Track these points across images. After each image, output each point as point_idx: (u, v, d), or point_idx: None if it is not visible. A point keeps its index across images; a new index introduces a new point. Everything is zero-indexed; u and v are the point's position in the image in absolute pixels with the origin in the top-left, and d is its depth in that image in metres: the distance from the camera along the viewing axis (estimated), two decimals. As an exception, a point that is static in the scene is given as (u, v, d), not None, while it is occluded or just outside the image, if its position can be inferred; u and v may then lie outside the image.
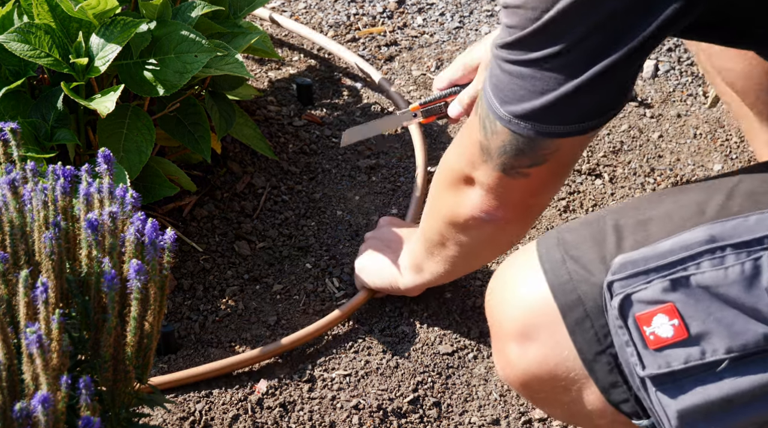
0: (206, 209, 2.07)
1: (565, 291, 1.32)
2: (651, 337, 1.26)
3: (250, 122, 2.12)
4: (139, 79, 1.84)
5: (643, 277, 1.27)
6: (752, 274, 1.24)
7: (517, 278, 1.38)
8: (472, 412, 1.80)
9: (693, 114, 2.29)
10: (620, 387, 1.32)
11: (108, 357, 1.28)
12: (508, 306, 1.39)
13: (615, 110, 1.36)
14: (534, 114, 1.34)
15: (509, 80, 1.34)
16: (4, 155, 1.38)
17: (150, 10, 1.83)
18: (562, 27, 1.27)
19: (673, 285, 1.26)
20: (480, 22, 2.52)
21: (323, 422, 1.77)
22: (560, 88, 1.31)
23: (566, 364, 1.34)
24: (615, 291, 1.28)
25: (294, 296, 1.96)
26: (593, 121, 1.35)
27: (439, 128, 2.27)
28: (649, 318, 1.26)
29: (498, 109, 1.37)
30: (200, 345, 1.87)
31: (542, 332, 1.34)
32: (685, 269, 1.26)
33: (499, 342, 1.41)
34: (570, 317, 1.31)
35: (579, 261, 1.32)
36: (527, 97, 1.33)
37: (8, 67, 1.83)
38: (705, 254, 1.26)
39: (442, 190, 1.58)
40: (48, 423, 1.13)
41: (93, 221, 1.28)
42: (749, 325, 1.24)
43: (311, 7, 2.55)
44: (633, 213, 1.35)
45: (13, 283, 1.26)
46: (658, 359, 1.26)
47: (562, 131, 1.35)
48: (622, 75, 1.31)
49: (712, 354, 1.25)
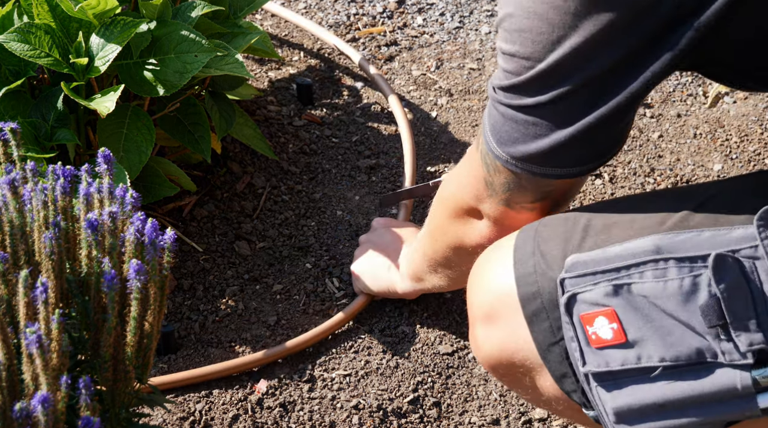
0: (206, 209, 2.07)
1: (527, 283, 1.36)
2: (593, 336, 1.30)
3: (250, 122, 2.12)
4: (139, 79, 1.84)
5: (591, 278, 1.30)
6: (690, 291, 1.26)
7: (491, 265, 1.43)
8: (472, 412, 1.80)
9: (693, 114, 2.29)
10: (570, 378, 1.36)
11: (108, 357, 1.28)
12: (479, 291, 1.44)
13: (611, 154, 1.38)
14: (529, 157, 1.37)
15: (504, 122, 1.37)
16: (4, 155, 1.38)
17: (150, 10, 1.83)
18: (555, 78, 1.30)
19: (615, 290, 1.29)
20: (480, 22, 2.52)
21: (323, 422, 1.77)
22: (552, 134, 1.33)
23: (522, 352, 1.38)
24: (565, 288, 1.32)
25: (294, 296, 1.96)
26: (589, 164, 1.38)
27: (439, 128, 2.27)
28: (591, 319, 1.30)
29: (495, 148, 1.39)
30: (200, 345, 1.87)
31: (503, 319, 1.39)
32: (628, 276, 1.29)
33: (472, 324, 1.46)
34: (528, 307, 1.36)
35: (545, 256, 1.36)
36: (521, 140, 1.36)
37: (8, 67, 1.83)
38: (649, 263, 1.28)
39: (446, 219, 1.60)
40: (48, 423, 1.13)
41: (93, 221, 1.28)
42: (684, 337, 1.27)
43: (311, 7, 2.55)
44: (605, 214, 1.38)
45: (13, 283, 1.25)
46: (598, 357, 1.30)
47: (560, 173, 1.38)
48: (614, 124, 1.34)
49: (647, 359, 1.28)
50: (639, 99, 1.32)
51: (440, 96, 2.34)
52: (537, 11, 1.28)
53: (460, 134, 2.26)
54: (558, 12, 1.27)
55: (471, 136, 2.26)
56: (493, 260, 1.44)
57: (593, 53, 1.28)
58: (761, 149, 2.22)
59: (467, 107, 2.32)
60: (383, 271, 1.87)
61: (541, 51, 1.29)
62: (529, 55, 1.31)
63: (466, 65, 2.41)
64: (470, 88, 2.36)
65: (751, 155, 2.21)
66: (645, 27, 1.25)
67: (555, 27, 1.28)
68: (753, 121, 2.28)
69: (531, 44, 1.30)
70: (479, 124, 2.28)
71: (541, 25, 1.28)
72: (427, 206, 1.95)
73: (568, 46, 1.28)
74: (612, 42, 1.27)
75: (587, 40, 1.27)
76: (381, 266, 1.88)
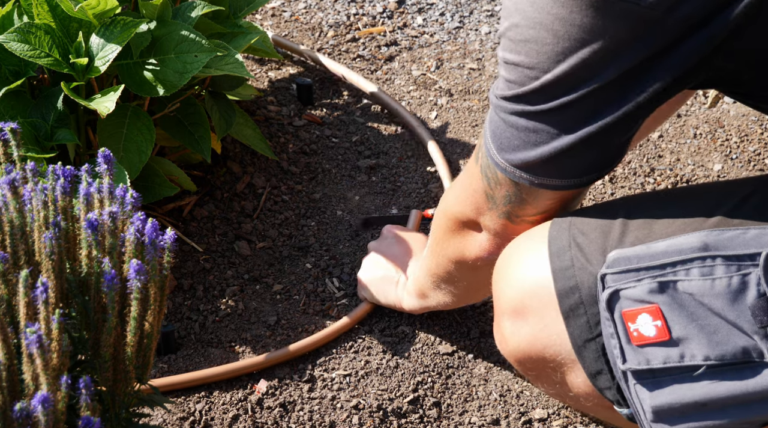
0: (206, 209, 2.07)
1: (565, 277, 1.34)
2: (635, 333, 1.29)
3: (250, 122, 2.12)
4: (139, 79, 1.84)
5: (634, 275, 1.29)
6: (738, 289, 1.25)
7: (523, 257, 1.41)
8: (472, 412, 1.80)
9: (693, 114, 2.29)
10: (605, 375, 1.35)
11: (108, 357, 1.28)
12: (509, 283, 1.42)
13: (611, 167, 1.38)
14: (529, 166, 1.36)
15: (505, 128, 1.36)
16: (4, 155, 1.38)
17: (150, 10, 1.83)
18: (560, 88, 1.30)
19: (661, 288, 1.28)
20: (480, 22, 2.52)
21: (323, 422, 1.77)
22: (553, 142, 1.33)
23: (554, 347, 1.37)
24: (607, 284, 1.30)
25: (294, 296, 1.96)
26: (589, 176, 1.37)
27: (439, 128, 2.27)
28: (634, 316, 1.29)
29: (495, 155, 1.39)
30: (200, 345, 1.87)
31: (535, 313, 1.38)
32: (674, 273, 1.28)
33: (498, 316, 1.44)
34: (565, 302, 1.34)
35: (582, 249, 1.34)
36: (522, 147, 1.35)
37: (8, 67, 1.83)
38: (696, 261, 1.27)
39: (447, 233, 1.59)
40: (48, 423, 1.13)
41: (93, 221, 1.28)
42: (730, 336, 1.26)
43: (311, 7, 2.55)
44: (645, 209, 1.37)
45: (13, 283, 1.25)
46: (639, 355, 1.29)
47: (559, 184, 1.37)
48: (617, 135, 1.33)
49: (690, 358, 1.27)
50: (645, 111, 1.31)
51: (440, 96, 2.34)
52: (542, 22, 1.27)
53: (460, 134, 2.26)
54: (563, 24, 1.26)
55: (471, 136, 2.26)
56: (523, 251, 1.42)
57: (600, 65, 1.27)
58: (761, 149, 2.22)
59: (467, 107, 2.32)
60: (391, 286, 1.86)
61: (546, 62, 1.29)
62: (534, 66, 1.30)
63: (466, 65, 2.41)
64: (470, 88, 2.36)
65: (751, 155, 2.21)
66: (652, 39, 1.24)
67: (560, 38, 1.27)
68: (753, 121, 2.28)
69: (536, 55, 1.29)
70: (479, 124, 2.28)
71: (546, 35, 1.28)
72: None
73: (575, 59, 1.27)
74: (619, 54, 1.26)
75: (594, 52, 1.26)
76: (389, 281, 1.87)
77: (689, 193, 1.41)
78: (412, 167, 2.18)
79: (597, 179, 1.38)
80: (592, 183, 1.39)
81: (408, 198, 2.12)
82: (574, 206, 1.47)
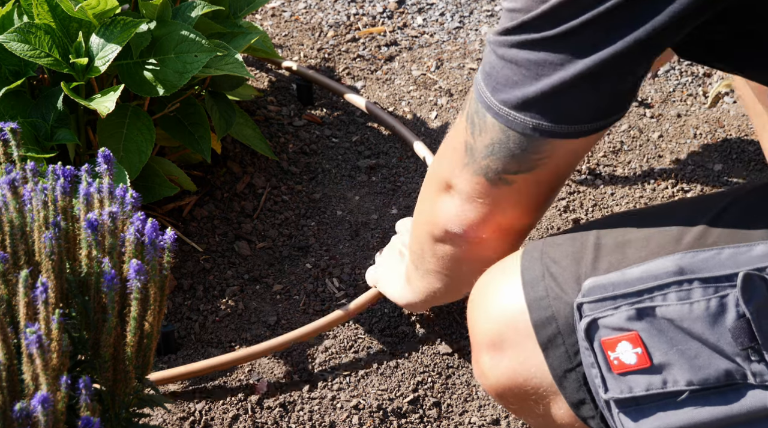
0: (206, 209, 2.07)
1: (540, 307, 1.31)
2: (615, 362, 1.26)
3: (250, 122, 2.13)
4: (139, 79, 1.84)
5: (611, 302, 1.26)
6: (717, 312, 1.23)
7: (496, 289, 1.37)
8: (472, 412, 1.80)
9: (693, 114, 2.29)
10: (588, 404, 1.32)
11: (108, 357, 1.28)
12: (484, 316, 1.38)
13: (615, 115, 1.29)
14: (527, 103, 1.26)
15: (503, 66, 1.27)
16: (4, 155, 1.38)
17: (150, 10, 1.83)
18: (570, 10, 1.21)
19: (639, 314, 1.25)
20: (480, 22, 2.52)
21: (323, 422, 1.77)
22: (557, 72, 1.24)
23: (535, 380, 1.34)
24: (584, 313, 1.27)
25: (294, 296, 1.96)
26: (591, 123, 1.27)
27: (439, 128, 2.27)
28: (614, 344, 1.26)
29: (488, 97, 1.29)
30: (200, 345, 1.88)
31: (513, 346, 1.34)
32: (651, 299, 1.25)
33: (475, 351, 1.40)
34: (542, 333, 1.31)
35: (556, 278, 1.31)
36: (521, 82, 1.26)
37: (8, 67, 1.83)
38: (672, 285, 1.24)
39: (423, 197, 1.52)
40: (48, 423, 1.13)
41: (93, 221, 1.28)
42: (711, 359, 1.23)
43: (311, 7, 2.55)
44: (615, 232, 1.33)
45: (13, 283, 1.25)
46: (620, 383, 1.26)
47: (557, 130, 1.27)
48: (626, 69, 1.25)
49: (673, 384, 1.25)
50: (659, 45, 1.22)
51: (440, 96, 2.34)
52: None
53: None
54: None
55: (471, 136, 2.26)
56: (497, 283, 1.37)
57: None
58: (761, 149, 2.22)
59: (467, 107, 2.32)
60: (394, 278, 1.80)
61: None
62: None
63: (466, 65, 2.41)
64: (470, 89, 2.35)
65: (751, 155, 2.20)
66: None
67: None
68: (753, 121, 2.28)
69: None
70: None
71: None
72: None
73: None
74: None
75: None
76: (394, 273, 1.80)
77: (660, 212, 1.37)
78: (412, 167, 2.18)
79: (596, 129, 1.28)
80: (593, 132, 1.28)
81: (408, 198, 2.12)
82: (563, 174, 1.36)
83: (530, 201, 1.39)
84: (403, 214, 2.09)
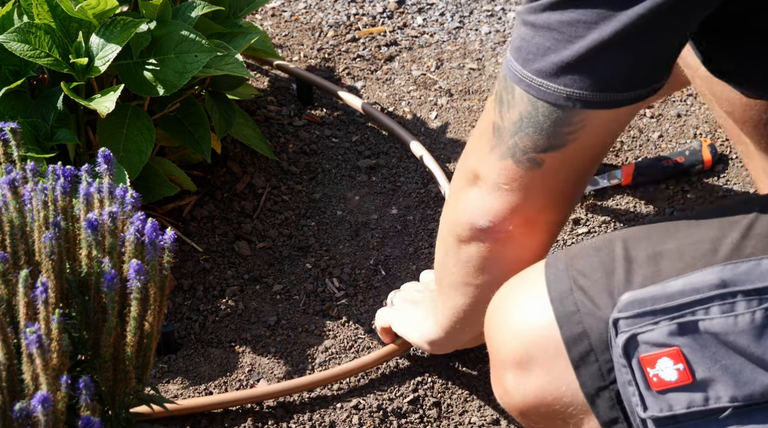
0: (206, 209, 2.07)
1: (570, 323, 1.26)
2: (654, 379, 1.22)
3: (250, 122, 2.13)
4: (139, 79, 1.84)
5: (650, 318, 1.22)
6: (762, 324, 1.19)
7: (519, 304, 1.31)
8: (472, 412, 1.79)
9: (693, 114, 2.29)
10: (621, 424, 1.28)
11: (108, 357, 1.29)
12: (507, 333, 1.32)
13: (650, 85, 1.22)
14: (561, 69, 1.21)
15: (534, 34, 1.22)
16: (4, 155, 1.38)
17: (150, 10, 1.83)
18: None
19: (681, 329, 1.21)
20: (480, 22, 2.52)
21: (323, 422, 1.77)
22: (593, 32, 1.18)
23: (564, 399, 1.29)
24: (620, 329, 1.23)
25: (294, 296, 1.96)
26: (625, 92, 1.22)
27: (439, 128, 2.27)
28: (653, 360, 1.22)
29: (518, 70, 1.24)
30: (200, 345, 1.88)
31: (541, 364, 1.29)
32: (693, 313, 1.21)
33: (497, 369, 1.34)
34: (575, 350, 1.26)
35: (587, 292, 1.26)
36: (554, 47, 1.20)
37: (8, 67, 1.83)
38: (715, 299, 1.21)
39: (449, 197, 1.46)
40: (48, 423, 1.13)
41: (93, 221, 1.28)
42: (756, 375, 1.19)
43: (311, 7, 2.55)
44: (645, 244, 1.28)
45: (13, 283, 1.26)
46: (660, 401, 1.22)
47: (590, 98, 1.22)
48: (663, 30, 1.18)
49: (715, 401, 1.21)
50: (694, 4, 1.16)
51: (440, 96, 2.34)
52: None
53: (460, 133, 2.26)
54: None
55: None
56: (519, 297, 1.32)
57: None
58: (761, 149, 2.22)
59: (467, 107, 2.32)
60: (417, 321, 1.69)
61: None
62: None
63: (466, 65, 2.41)
64: (470, 88, 2.35)
65: (751, 155, 2.21)
66: None
67: None
68: (753, 121, 2.28)
69: None
70: (479, 124, 2.28)
71: None
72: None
73: None
74: None
75: None
76: (415, 317, 1.70)
77: (687, 223, 1.32)
78: (412, 167, 2.18)
79: (635, 100, 1.22)
80: (628, 106, 1.22)
81: (408, 198, 2.12)
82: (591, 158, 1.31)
83: (559, 188, 1.34)
84: (403, 214, 2.09)
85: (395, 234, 2.06)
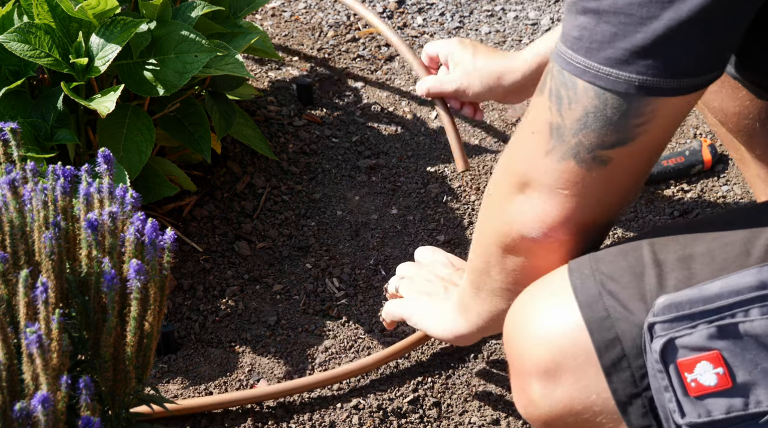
0: (206, 209, 2.07)
1: (602, 329, 1.22)
2: (692, 384, 1.19)
3: (250, 122, 2.13)
4: (139, 79, 1.85)
5: (688, 321, 1.19)
6: None
7: (544, 310, 1.27)
8: (472, 412, 1.80)
9: (693, 114, 2.29)
10: None
11: (108, 357, 1.29)
12: (533, 341, 1.28)
13: (715, 71, 1.17)
14: (634, 54, 1.14)
15: (597, 21, 1.15)
16: (4, 155, 1.38)
17: (150, 10, 1.83)
18: None
19: (720, 332, 1.18)
20: (480, 22, 2.52)
21: (323, 422, 1.77)
22: (667, 11, 1.12)
23: (594, 407, 1.25)
24: (656, 333, 1.19)
25: (294, 296, 1.96)
26: (695, 77, 1.16)
27: (439, 128, 2.27)
28: (692, 365, 1.19)
29: (581, 61, 1.17)
30: (200, 345, 1.88)
31: (570, 371, 1.25)
32: (732, 315, 1.18)
33: (521, 378, 1.30)
34: (607, 356, 1.23)
35: (617, 297, 1.23)
36: (622, 33, 1.14)
37: (8, 67, 1.83)
38: (755, 301, 1.18)
39: (491, 202, 1.37)
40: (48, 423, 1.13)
41: (93, 221, 1.28)
42: None
43: (311, 7, 2.55)
44: (673, 246, 1.25)
45: (13, 283, 1.26)
46: (698, 407, 1.19)
47: (663, 85, 1.16)
48: (732, 12, 1.13)
49: (755, 405, 1.18)
50: None
51: (440, 96, 2.34)
52: None
53: (460, 134, 2.26)
54: None
55: (471, 136, 2.26)
56: (543, 303, 1.28)
57: None
58: (761, 149, 2.22)
59: (467, 107, 2.31)
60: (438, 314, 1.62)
61: None
62: None
63: (466, 65, 2.41)
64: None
65: (751, 155, 2.21)
66: None
67: None
68: (753, 121, 2.28)
69: None
70: (480, 123, 2.28)
71: None
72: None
73: None
74: None
75: None
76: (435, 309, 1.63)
77: (712, 224, 1.28)
78: (412, 167, 2.18)
79: (701, 85, 1.17)
80: (694, 92, 1.17)
81: (408, 198, 2.12)
82: (657, 149, 1.24)
83: (621, 187, 1.28)
84: (403, 214, 2.09)
85: (395, 234, 2.06)
